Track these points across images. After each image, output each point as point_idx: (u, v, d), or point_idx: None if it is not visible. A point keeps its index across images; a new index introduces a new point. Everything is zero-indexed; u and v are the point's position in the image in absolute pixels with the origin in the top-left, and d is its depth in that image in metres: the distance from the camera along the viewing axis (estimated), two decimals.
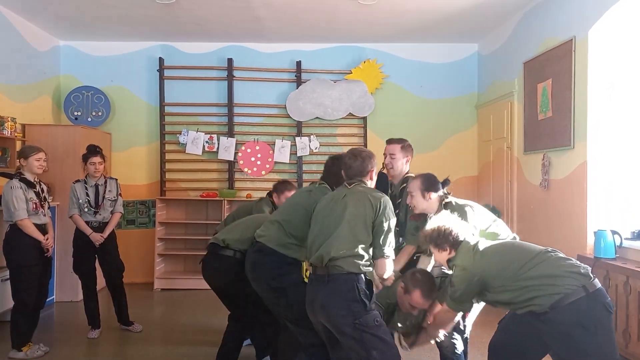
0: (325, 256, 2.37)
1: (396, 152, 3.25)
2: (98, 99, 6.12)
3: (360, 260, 2.35)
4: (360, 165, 2.57)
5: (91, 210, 4.17)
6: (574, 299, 2.10)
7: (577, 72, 4.17)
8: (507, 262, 2.28)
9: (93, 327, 4.20)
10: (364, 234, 2.39)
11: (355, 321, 2.26)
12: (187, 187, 6.27)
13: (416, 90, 6.35)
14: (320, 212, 2.56)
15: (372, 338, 2.26)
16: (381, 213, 2.41)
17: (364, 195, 2.46)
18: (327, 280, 2.35)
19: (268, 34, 5.95)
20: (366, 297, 2.32)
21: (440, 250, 2.46)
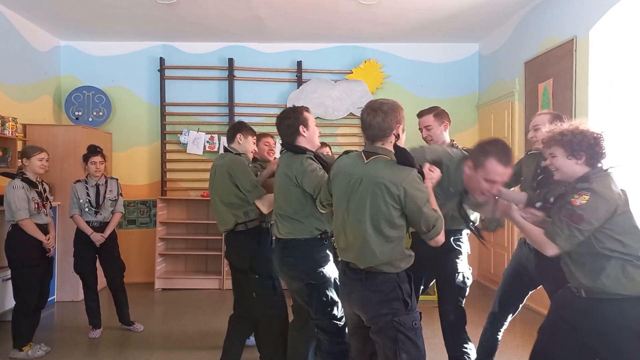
0: (360, 264, 2.13)
1: (430, 122, 3.01)
2: (99, 99, 6.13)
3: (397, 260, 2.09)
4: (382, 122, 2.06)
5: (92, 210, 4.18)
6: (632, 299, 1.95)
7: (578, 72, 4.17)
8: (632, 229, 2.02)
9: (94, 327, 4.20)
10: (395, 231, 2.06)
11: (394, 318, 2.05)
12: (187, 187, 6.28)
13: (417, 90, 6.35)
14: (340, 199, 2.18)
15: (406, 340, 2.05)
16: (409, 200, 2.00)
17: (381, 187, 2.03)
18: (365, 278, 2.11)
19: (269, 33, 5.96)
20: (409, 296, 2.09)
21: (570, 157, 2.04)
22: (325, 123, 6.31)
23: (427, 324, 4.10)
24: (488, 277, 5.96)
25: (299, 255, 2.60)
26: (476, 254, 6.09)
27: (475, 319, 3.10)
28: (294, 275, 2.64)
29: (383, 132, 2.09)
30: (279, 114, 2.74)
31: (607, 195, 1.98)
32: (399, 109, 2.12)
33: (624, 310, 1.95)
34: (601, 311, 1.98)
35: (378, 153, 2.11)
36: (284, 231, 2.65)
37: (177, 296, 5.56)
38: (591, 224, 1.97)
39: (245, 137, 3.28)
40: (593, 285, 2.00)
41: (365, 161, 2.12)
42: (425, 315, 2.26)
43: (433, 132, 3.00)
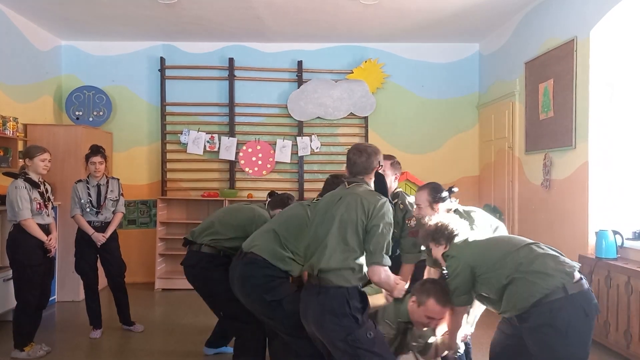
0: (315, 266, 2.30)
1: (386, 168, 3.06)
2: (99, 99, 6.12)
3: (351, 273, 2.24)
4: (365, 162, 2.41)
5: (93, 210, 4.17)
6: (551, 299, 2.11)
7: (579, 72, 4.18)
8: (492, 250, 2.35)
9: (95, 327, 4.20)
10: (355, 241, 2.26)
11: (347, 336, 2.18)
12: (188, 187, 6.28)
13: (417, 90, 6.35)
14: (316, 217, 2.46)
15: (366, 353, 2.17)
16: (375, 217, 2.24)
17: (357, 199, 2.30)
18: (318, 292, 2.27)
19: (269, 33, 5.96)
20: (358, 312, 2.22)
21: (437, 245, 2.48)
22: (325, 123, 6.31)
23: None
24: None
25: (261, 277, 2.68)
26: None
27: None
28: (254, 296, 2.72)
29: (365, 170, 2.44)
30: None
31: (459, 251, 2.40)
32: (380, 154, 2.51)
33: (547, 310, 2.11)
34: (538, 313, 2.13)
35: (358, 182, 2.43)
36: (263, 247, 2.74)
37: (178, 296, 5.56)
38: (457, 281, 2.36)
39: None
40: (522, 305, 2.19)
41: (347, 187, 2.44)
42: None
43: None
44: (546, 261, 2.20)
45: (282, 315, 2.62)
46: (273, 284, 2.66)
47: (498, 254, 2.30)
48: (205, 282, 3.24)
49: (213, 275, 3.17)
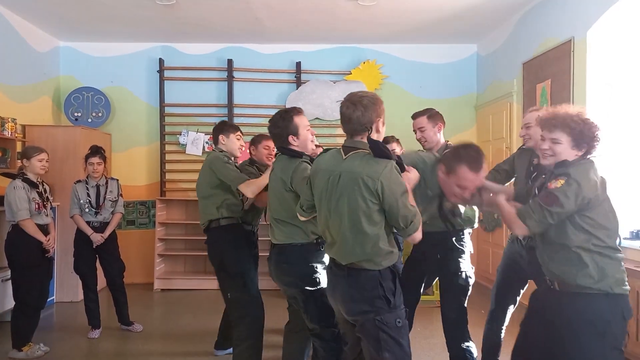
0: (341, 260, 2.12)
1: (424, 123, 2.98)
2: (98, 100, 6.14)
3: (379, 257, 2.04)
4: (361, 117, 2.02)
5: (92, 211, 4.18)
6: (599, 293, 1.98)
7: (576, 72, 4.19)
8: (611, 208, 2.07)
9: (93, 327, 4.21)
10: (374, 227, 2.02)
11: (376, 317, 2.02)
12: (187, 187, 6.28)
13: (416, 91, 6.37)
14: (322, 197, 2.15)
15: (389, 339, 2.02)
16: (386, 194, 1.96)
17: (358, 180, 2.00)
18: (348, 274, 2.08)
19: (268, 34, 5.97)
20: (391, 294, 2.05)
21: (575, 147, 2.02)
22: (324, 124, 6.32)
23: (425, 323, 4.15)
24: (486, 276, 5.97)
25: (294, 261, 2.56)
26: (475, 254, 6.10)
27: (474, 318, 3.09)
28: (289, 281, 2.61)
29: (363, 127, 2.04)
30: (270, 119, 2.69)
31: (582, 183, 1.97)
32: (379, 102, 2.08)
33: (592, 305, 1.97)
34: (572, 303, 2.00)
35: (357, 148, 2.07)
36: (279, 236, 2.62)
37: (176, 297, 5.56)
38: (563, 208, 1.97)
39: (227, 136, 3.31)
40: (566, 278, 2.03)
41: (343, 157, 2.08)
42: (424, 315, 2.25)
43: (427, 133, 2.99)
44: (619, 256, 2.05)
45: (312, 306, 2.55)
46: (309, 270, 2.54)
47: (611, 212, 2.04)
48: (221, 256, 3.19)
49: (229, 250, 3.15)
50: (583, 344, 1.97)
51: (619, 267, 2.04)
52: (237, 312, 3.13)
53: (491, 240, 5.86)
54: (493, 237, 5.82)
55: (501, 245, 5.60)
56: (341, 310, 2.18)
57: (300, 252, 2.56)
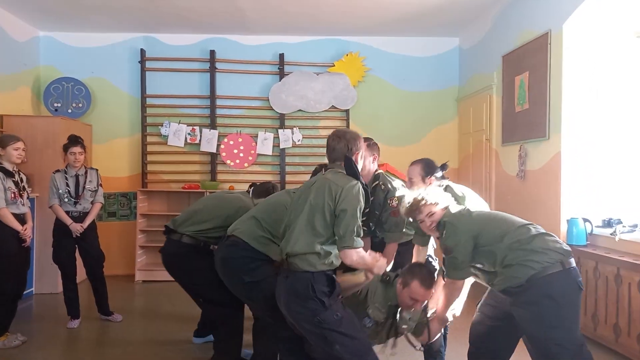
0: (283, 250, 2.35)
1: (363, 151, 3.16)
2: (78, 90, 6.07)
3: (316, 257, 2.25)
4: (343, 147, 2.38)
5: (71, 201, 4.15)
6: (550, 272, 2.16)
7: (553, 65, 4.26)
8: (493, 224, 2.36)
9: (72, 317, 4.19)
10: (323, 226, 2.26)
11: (314, 318, 2.22)
12: (169, 179, 6.26)
13: (398, 84, 6.41)
14: (292, 203, 2.49)
15: (333, 334, 2.22)
16: (342, 200, 2.23)
17: (326, 183, 2.32)
18: (287, 276, 2.33)
19: (251, 25, 5.96)
20: (324, 295, 2.24)
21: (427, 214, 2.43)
22: (307, 116, 6.34)
23: None
24: None
25: (240, 259, 2.70)
26: None
27: None
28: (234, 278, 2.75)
29: (344, 156, 2.39)
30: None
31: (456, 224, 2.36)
32: (360, 139, 2.46)
33: (551, 282, 2.18)
34: (535, 285, 2.18)
35: (335, 168, 2.41)
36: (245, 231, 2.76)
37: (158, 288, 5.55)
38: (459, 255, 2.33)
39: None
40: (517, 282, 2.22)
41: (323, 173, 2.44)
42: None
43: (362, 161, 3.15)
44: (545, 238, 2.27)
45: (260, 296, 2.66)
46: (252, 265, 2.68)
47: (499, 228, 2.32)
48: (186, 272, 3.24)
49: (193, 265, 3.17)
50: (544, 315, 2.15)
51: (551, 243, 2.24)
52: (215, 313, 3.17)
53: None
54: None
55: None
56: (284, 313, 2.37)
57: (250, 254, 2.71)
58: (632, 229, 3.64)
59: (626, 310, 3.31)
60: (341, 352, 2.21)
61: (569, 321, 2.19)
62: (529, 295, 2.18)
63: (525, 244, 2.24)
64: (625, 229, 3.65)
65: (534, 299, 2.18)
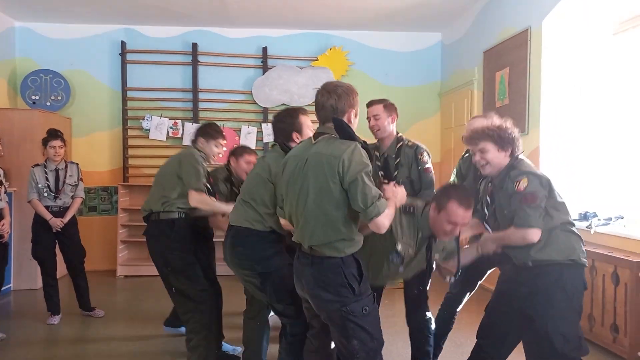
0: (303, 242, 2.12)
1: (379, 112, 3.05)
2: (57, 83, 5.96)
3: (341, 243, 2.04)
4: (335, 105, 2.06)
5: (51, 195, 4.09)
6: (571, 264, 2.24)
7: (532, 61, 4.34)
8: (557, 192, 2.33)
9: (53, 313, 4.14)
10: (337, 208, 2.00)
11: (342, 308, 2.03)
12: (151, 173, 6.18)
13: (381, 78, 6.44)
14: (289, 182, 2.17)
15: (356, 327, 2.04)
16: (347, 172, 1.96)
17: (321, 160, 2.02)
18: (311, 263, 2.08)
19: (234, 18, 5.91)
20: (355, 281, 2.05)
21: (500, 150, 2.29)
22: None
23: (387, 306, 4.26)
24: None
25: (249, 245, 2.56)
26: None
27: (435, 297, 3.19)
28: (244, 264, 2.61)
29: (335, 115, 2.07)
30: (275, 114, 2.72)
31: (538, 173, 2.28)
32: (354, 94, 2.12)
33: (563, 273, 2.22)
34: (545, 274, 2.23)
35: (326, 133, 2.10)
36: (239, 217, 2.61)
37: (140, 283, 5.51)
38: (543, 198, 2.22)
39: (207, 142, 3.27)
40: (542, 256, 2.23)
41: (313, 142, 2.13)
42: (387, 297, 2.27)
43: (380, 122, 3.05)
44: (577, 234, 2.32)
45: (271, 289, 2.56)
46: (264, 254, 2.57)
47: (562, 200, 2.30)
48: (160, 253, 3.11)
49: (172, 245, 3.06)
50: (553, 306, 2.21)
51: (580, 241, 2.31)
52: (185, 306, 3.09)
53: None
54: None
55: None
56: (307, 298, 2.19)
57: (255, 237, 2.57)
58: (607, 222, 3.74)
59: (600, 301, 3.42)
60: (357, 349, 2.04)
61: (575, 314, 2.26)
62: (546, 281, 2.23)
63: (572, 227, 2.29)
64: (600, 222, 3.74)
65: (548, 288, 2.23)
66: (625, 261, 3.24)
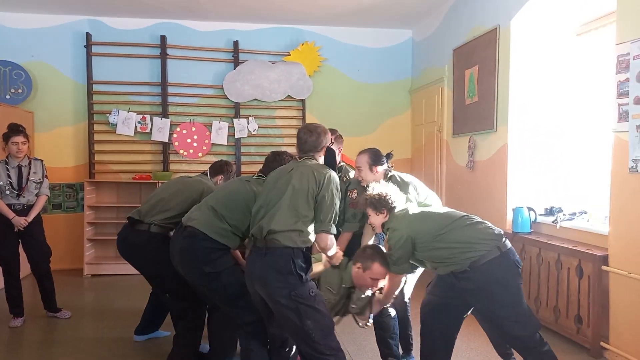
0: (265, 228, 2.40)
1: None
2: (17, 75, 5.71)
3: (298, 235, 2.37)
4: (315, 141, 2.58)
5: (14, 193, 3.92)
6: (490, 258, 2.36)
7: (501, 59, 4.44)
8: (429, 223, 2.53)
9: (15, 316, 3.98)
10: (306, 208, 2.40)
11: (291, 292, 2.31)
12: (118, 169, 6.03)
13: (353, 74, 6.46)
14: (267, 186, 2.58)
15: (307, 309, 2.32)
16: (325, 187, 2.41)
17: (310, 169, 2.46)
18: (265, 253, 2.38)
19: (203, 11, 5.80)
20: (302, 271, 2.37)
21: (377, 213, 2.66)
22: (262, 105, 6.27)
23: None
24: None
25: (200, 250, 2.70)
26: None
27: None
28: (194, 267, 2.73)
29: (315, 148, 2.59)
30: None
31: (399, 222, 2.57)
32: (329, 134, 2.67)
33: (493, 268, 2.38)
34: (480, 274, 2.38)
35: (309, 157, 2.58)
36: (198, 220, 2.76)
37: (108, 282, 5.37)
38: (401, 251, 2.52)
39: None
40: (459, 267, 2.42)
41: (298, 161, 2.59)
42: None
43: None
44: (478, 228, 2.47)
45: (220, 286, 2.67)
46: (212, 256, 2.69)
47: (436, 226, 2.49)
48: (154, 263, 3.11)
49: (162, 255, 3.01)
50: (495, 296, 2.38)
51: (484, 231, 2.45)
52: (178, 306, 3.10)
53: None
54: None
55: None
56: (257, 288, 2.43)
57: (210, 244, 2.70)
58: (572, 217, 3.88)
59: (565, 294, 3.55)
60: (312, 328, 2.30)
61: (517, 297, 2.41)
62: (476, 283, 2.37)
63: (461, 238, 2.43)
64: (565, 217, 3.88)
65: (482, 286, 2.38)
66: (589, 255, 3.37)
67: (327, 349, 2.33)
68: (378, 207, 2.65)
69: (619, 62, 3.22)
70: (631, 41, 3.10)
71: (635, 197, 3.09)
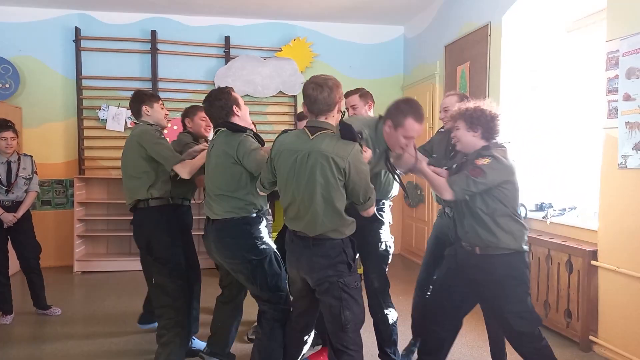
0: (308, 233, 2.28)
1: (356, 102, 3.16)
2: (5, 70, 5.63)
3: (343, 227, 2.27)
4: (327, 97, 2.19)
5: (2, 189, 3.88)
6: (516, 252, 2.39)
7: (492, 56, 4.46)
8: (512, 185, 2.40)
9: (4, 313, 3.95)
10: (341, 200, 2.22)
11: (339, 280, 2.25)
12: (108, 165, 5.98)
13: (345, 70, 6.45)
14: (289, 175, 2.26)
15: (350, 299, 2.26)
16: (351, 172, 2.17)
17: (329, 159, 2.16)
18: (312, 245, 2.27)
19: (195, 6, 5.75)
20: (352, 259, 2.31)
21: (469, 129, 2.40)
22: (254, 101, 6.25)
23: None
24: (410, 250, 6.29)
25: (238, 234, 2.59)
26: (400, 228, 6.39)
27: (397, 290, 3.27)
28: (234, 254, 2.62)
29: (328, 107, 2.22)
30: (207, 96, 2.71)
31: (504, 163, 2.36)
32: (340, 86, 2.27)
33: (511, 262, 2.38)
34: (493, 265, 2.39)
35: (323, 128, 2.24)
36: (219, 211, 2.62)
37: (99, 279, 5.33)
38: (486, 179, 2.31)
39: (151, 106, 3.13)
40: (489, 243, 2.37)
41: (310, 137, 2.23)
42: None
43: (358, 111, 3.17)
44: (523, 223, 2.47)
45: (263, 275, 2.59)
46: (251, 241, 2.59)
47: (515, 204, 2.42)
48: (149, 239, 3.00)
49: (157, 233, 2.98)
50: (505, 292, 2.39)
51: (525, 230, 2.46)
52: (160, 300, 3.01)
53: (415, 215, 6.16)
54: (417, 213, 6.11)
55: (423, 220, 5.91)
56: (305, 278, 2.34)
57: (243, 225, 2.60)
58: (562, 213, 3.92)
59: (555, 288, 3.59)
60: (348, 320, 2.25)
61: (525, 293, 2.43)
62: (495, 273, 2.38)
63: (518, 218, 2.41)
64: (555, 212, 3.92)
65: (499, 278, 2.38)
66: (578, 250, 3.40)
67: (352, 344, 2.28)
68: (473, 123, 2.37)
69: (608, 59, 3.24)
70: (621, 38, 3.13)
71: (624, 192, 3.12)
